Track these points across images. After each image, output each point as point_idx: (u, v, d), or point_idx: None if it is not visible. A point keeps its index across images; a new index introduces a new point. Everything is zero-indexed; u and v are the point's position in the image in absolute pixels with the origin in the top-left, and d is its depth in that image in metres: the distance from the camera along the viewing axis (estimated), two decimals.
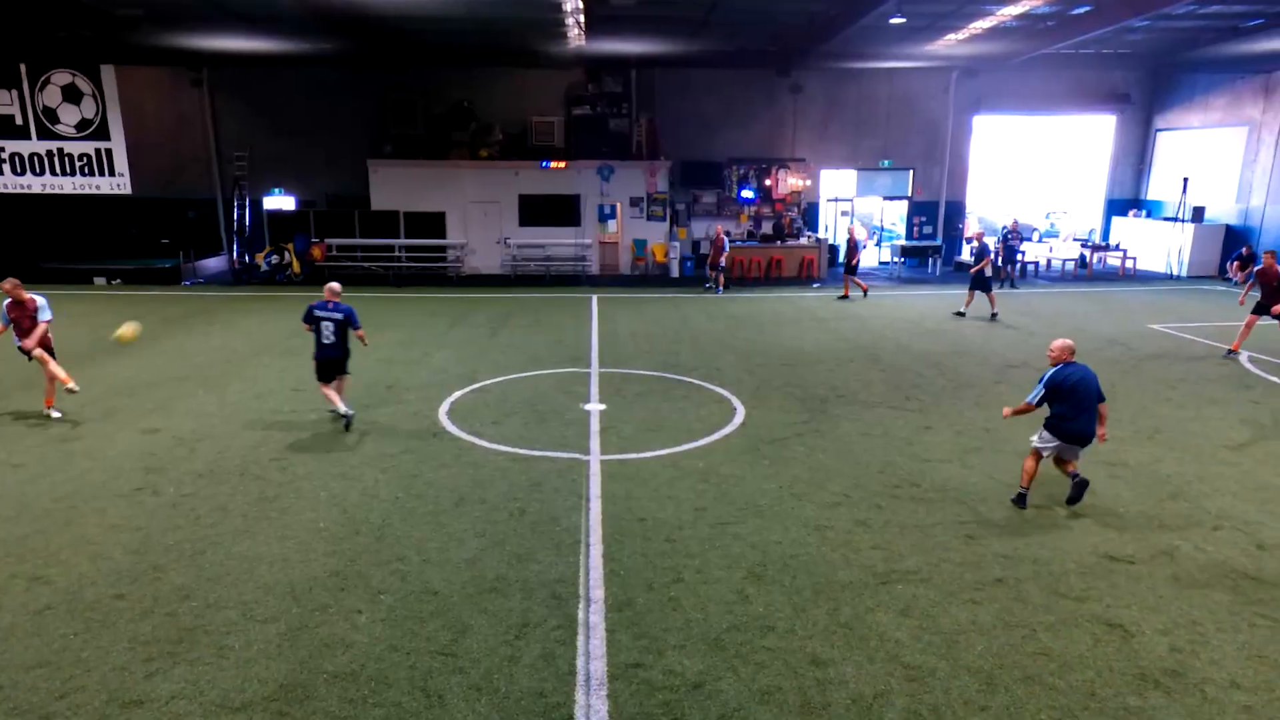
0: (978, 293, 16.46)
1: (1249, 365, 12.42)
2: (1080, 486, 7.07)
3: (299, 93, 22.96)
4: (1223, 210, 22.69)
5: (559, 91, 23.01)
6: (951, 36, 19.07)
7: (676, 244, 22.68)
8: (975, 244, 17.01)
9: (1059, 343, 7.31)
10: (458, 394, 10.72)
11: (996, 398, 10.60)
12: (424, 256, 22.16)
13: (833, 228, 25.32)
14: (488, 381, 11.39)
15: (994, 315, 16.32)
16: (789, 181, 24.07)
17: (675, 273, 22.52)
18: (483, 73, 22.64)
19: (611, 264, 23.08)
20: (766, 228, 24.09)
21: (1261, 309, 12.72)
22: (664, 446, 8.70)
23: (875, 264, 25.95)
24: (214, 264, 23.07)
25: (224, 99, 23.22)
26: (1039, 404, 7.04)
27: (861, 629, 5.25)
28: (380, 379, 11.44)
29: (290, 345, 13.40)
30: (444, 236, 22.35)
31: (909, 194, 25.17)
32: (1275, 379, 11.58)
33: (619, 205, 22.52)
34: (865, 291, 19.38)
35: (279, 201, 23.35)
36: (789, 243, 23.11)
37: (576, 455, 8.45)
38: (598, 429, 9.33)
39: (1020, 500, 7.22)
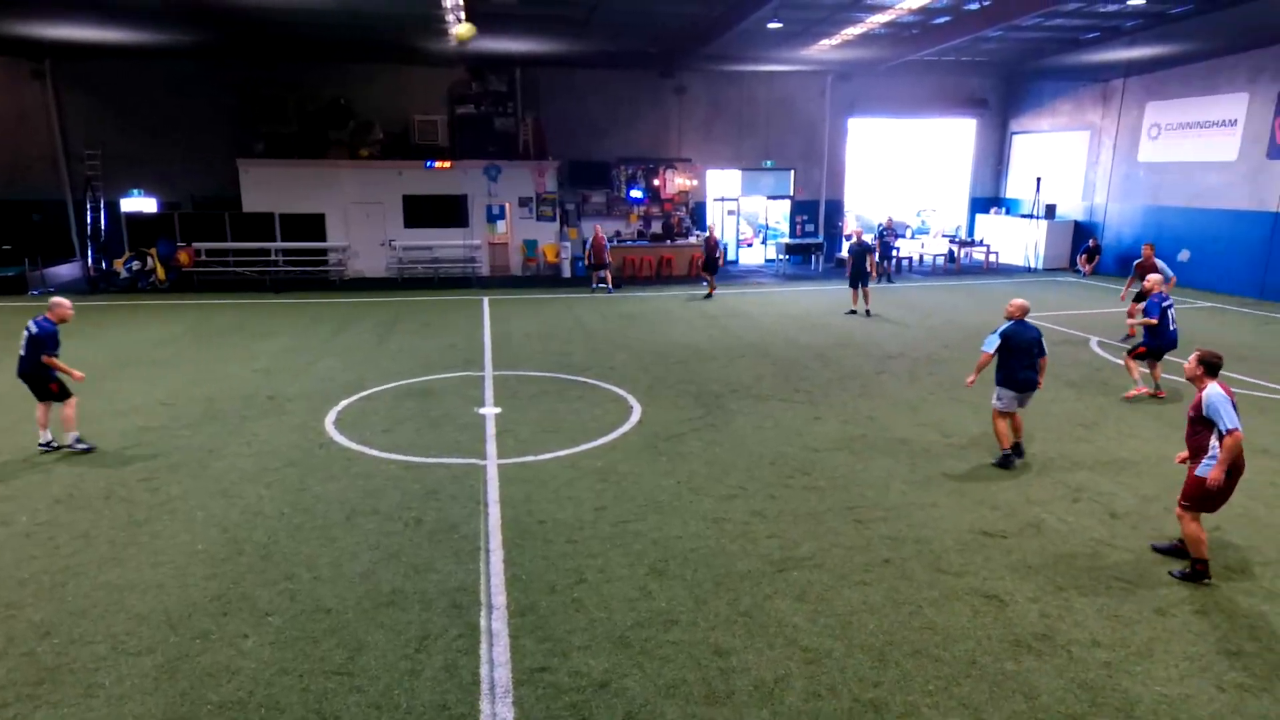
0: (860, 287, 16.89)
1: (1098, 349, 13.52)
2: (1017, 446, 8.15)
3: (157, 88, 21.50)
4: (1071, 207, 24.63)
5: (442, 89, 22.52)
6: (826, 42, 19.87)
7: (567, 244, 22.63)
8: (853, 241, 17.28)
9: (1015, 301, 8.21)
10: (345, 402, 10.32)
11: (879, 387, 11.12)
12: (303, 260, 21.19)
13: (720, 226, 25.88)
14: (377, 389, 11.01)
15: (867, 312, 16.73)
16: (676, 181, 24.45)
17: (567, 273, 22.47)
18: (360, 69, 21.89)
19: (502, 265, 22.79)
20: (656, 227, 24.39)
21: (1143, 298, 13.52)
22: (562, 447, 8.66)
23: (761, 261, 26.74)
24: (66, 271, 21.29)
25: (71, 93, 21.45)
26: (995, 352, 7.93)
27: (761, 616, 5.39)
28: (260, 390, 10.87)
29: (157, 356, 12.54)
30: (324, 239, 21.46)
31: (791, 193, 26.05)
32: (1119, 361, 12.66)
33: (508, 205, 22.27)
34: (709, 294, 19.27)
35: (139, 203, 21.81)
36: (678, 242, 23.46)
37: (473, 460, 8.29)
38: (494, 432, 9.19)
39: (1005, 461, 8.03)
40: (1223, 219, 19.44)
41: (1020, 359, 7.89)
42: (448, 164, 21.60)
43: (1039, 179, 25.35)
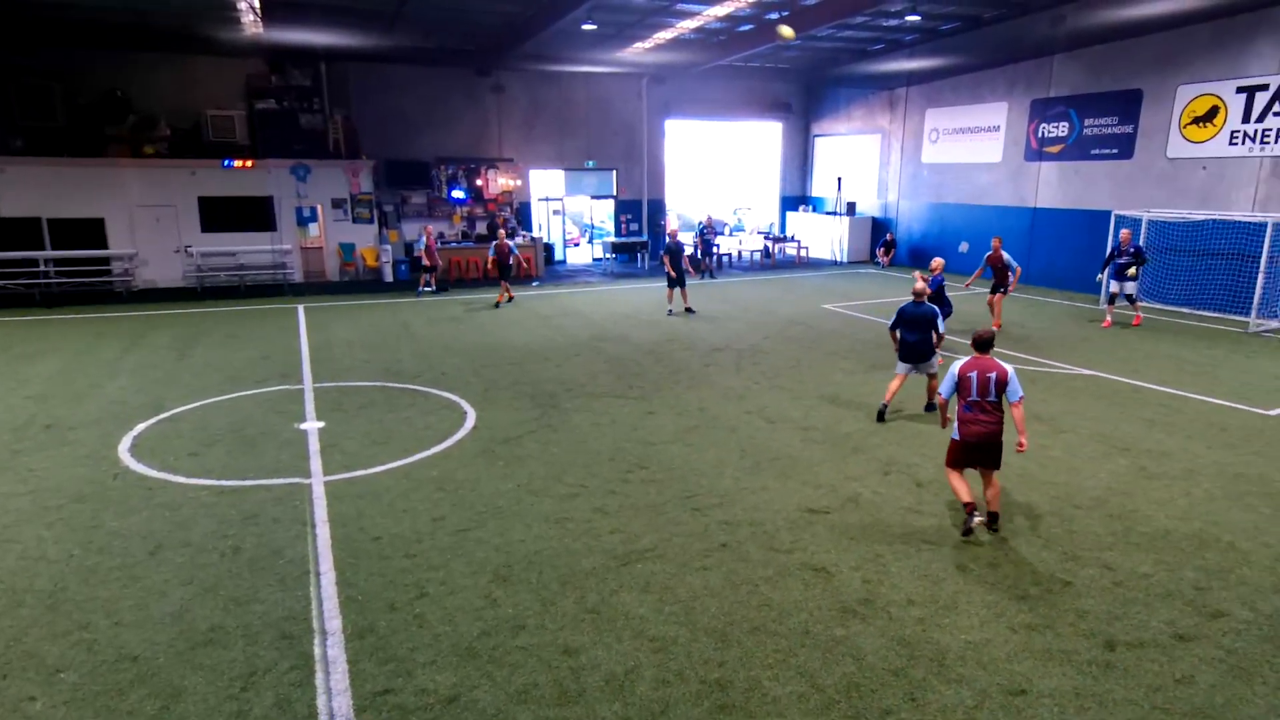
0: (677, 287, 16.98)
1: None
2: (930, 407, 9.77)
3: None
4: (869, 205, 26.78)
5: (238, 83, 20.85)
6: (640, 45, 20.37)
7: (388, 247, 21.70)
8: (670, 240, 17.32)
9: (916, 284, 9.57)
10: (142, 426, 9.33)
11: (707, 379, 11.56)
12: (81, 270, 18.90)
13: (546, 226, 25.86)
14: (179, 409, 10.05)
15: (686, 310, 16.97)
16: (500, 181, 24.14)
17: (389, 276, 21.54)
18: (140, 57, 19.80)
19: (317, 270, 21.48)
20: (481, 228, 23.96)
21: (996, 289, 14.98)
22: (394, 459, 8.31)
23: (589, 260, 26.99)
24: None
25: None
26: (893, 328, 9.59)
27: (608, 611, 5.46)
28: (34, 418, 9.60)
29: None
30: (105, 246, 19.24)
31: (614, 193, 26.47)
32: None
33: (320, 207, 20.99)
34: (499, 301, 18.25)
35: None
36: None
37: (296, 479, 7.77)
38: (317, 448, 8.66)
39: (881, 414, 9.55)
40: (993, 213, 21.88)
41: (911, 334, 9.42)
42: (249, 163, 20.03)
43: (839, 179, 27.36)
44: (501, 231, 18.99)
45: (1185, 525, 6.72)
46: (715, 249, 23.84)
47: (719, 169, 30.45)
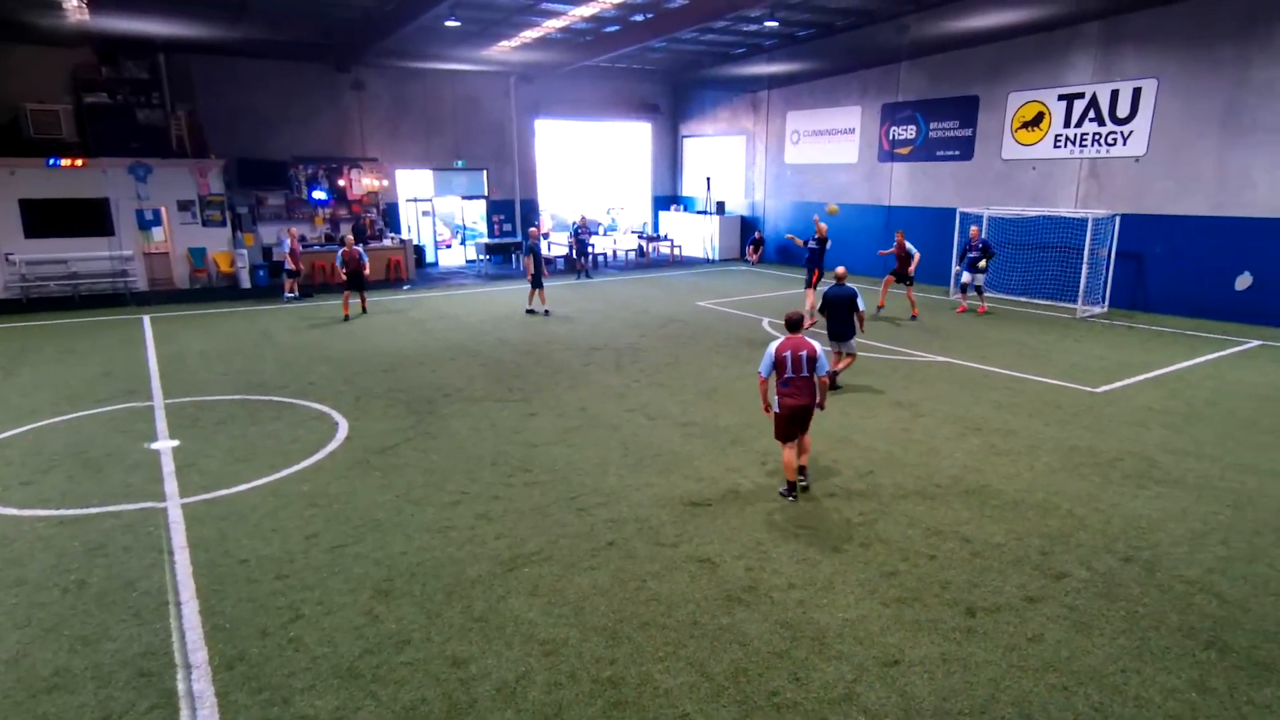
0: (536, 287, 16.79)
1: (769, 328, 15.33)
2: (833, 380, 10.15)
3: None
4: (737, 204, 27.59)
5: (63, 74, 19.02)
6: (505, 43, 20.12)
7: (244, 251, 20.43)
8: (531, 242, 17.11)
9: (839, 269, 10.83)
10: None
11: (587, 379, 11.58)
12: None
13: (416, 228, 25.12)
14: (7, 433, 9.09)
15: (544, 311, 16.75)
16: (364, 182, 23.23)
17: (246, 283, 20.29)
18: None
19: (164, 277, 19.94)
20: (346, 230, 22.94)
21: (898, 275, 16.38)
22: (260, 476, 7.85)
23: (462, 262, 26.44)
24: None
25: None
26: (823, 311, 10.49)
27: (497, 619, 5.37)
28: None
29: None
30: None
31: (486, 193, 26.03)
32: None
33: (164, 210, 19.50)
34: (348, 314, 16.39)
35: None
36: (372, 244, 22.29)
37: (149, 504, 7.20)
38: (172, 469, 8.05)
39: (833, 381, 9.85)
40: (852, 212, 23.04)
41: (834, 315, 10.39)
42: (79, 162, 18.33)
43: (708, 179, 28.04)
44: (349, 237, 17.11)
45: (1030, 496, 7.32)
46: (590, 249, 23.89)
47: (592, 169, 30.54)
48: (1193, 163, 15.67)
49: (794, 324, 7.31)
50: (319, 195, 22.72)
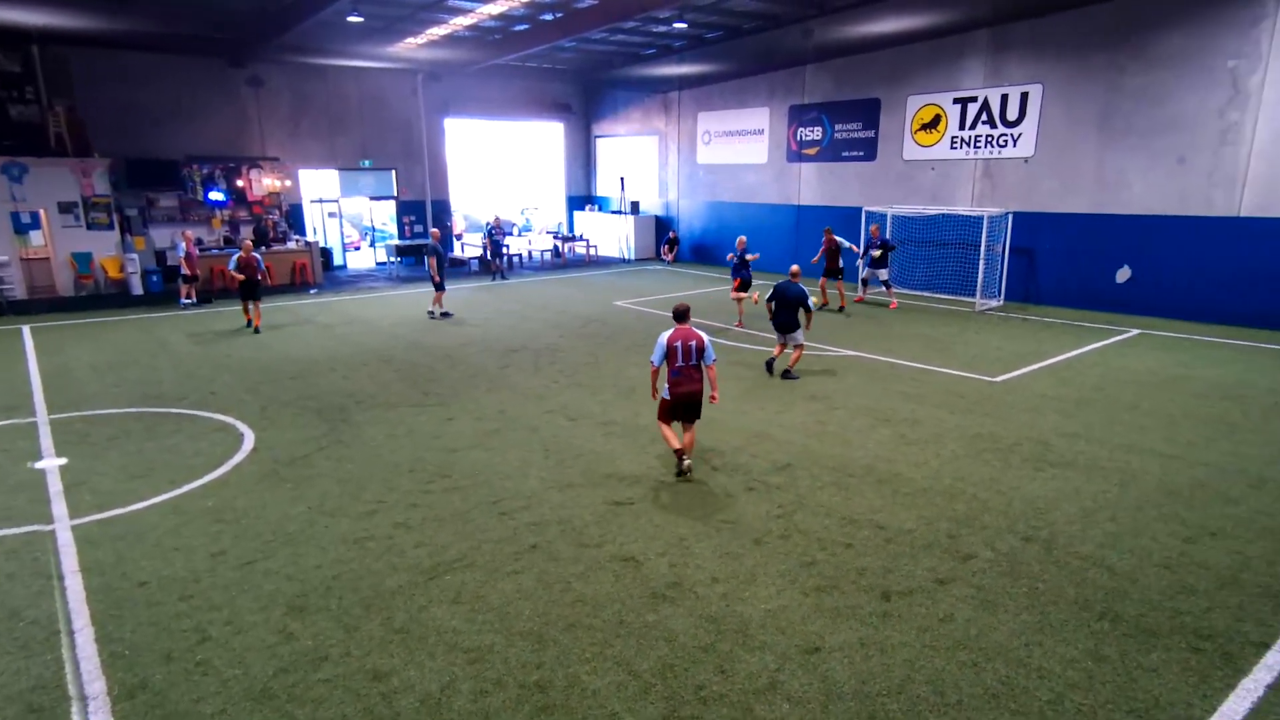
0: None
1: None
2: (787, 374, 11.37)
3: None
4: (652, 204, 27.79)
5: None
6: (412, 40, 19.68)
7: (134, 256, 19.32)
8: (433, 244, 16.71)
9: (793, 268, 11.58)
10: None
11: (506, 381, 11.44)
12: None
13: (322, 230, 24.29)
14: None
15: (443, 314, 16.56)
16: (265, 182, 22.31)
17: (139, 289, 19.20)
18: None
19: (46, 285, 18.65)
20: (247, 233, 21.98)
21: (828, 273, 17.05)
22: (159, 493, 7.44)
23: (373, 265, 25.73)
24: None
25: None
26: (770, 301, 11.12)
27: (419, 629, 5.25)
28: None
29: None
30: None
31: (395, 194, 25.39)
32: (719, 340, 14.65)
33: (44, 212, 18.24)
34: (255, 324, 15.21)
35: None
36: (275, 248, 21.45)
37: (34, 527, 6.73)
38: (60, 489, 7.55)
39: (768, 365, 11.56)
40: (763, 211, 23.55)
41: (782, 308, 11.11)
42: None
43: (622, 179, 28.14)
44: (246, 242, 15.52)
45: (938, 483, 7.65)
46: (505, 249, 23.61)
47: (504, 169, 30.19)
48: (1075, 164, 16.67)
49: (680, 315, 7.79)
50: (216, 196, 21.71)
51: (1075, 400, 10.30)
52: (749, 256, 15.45)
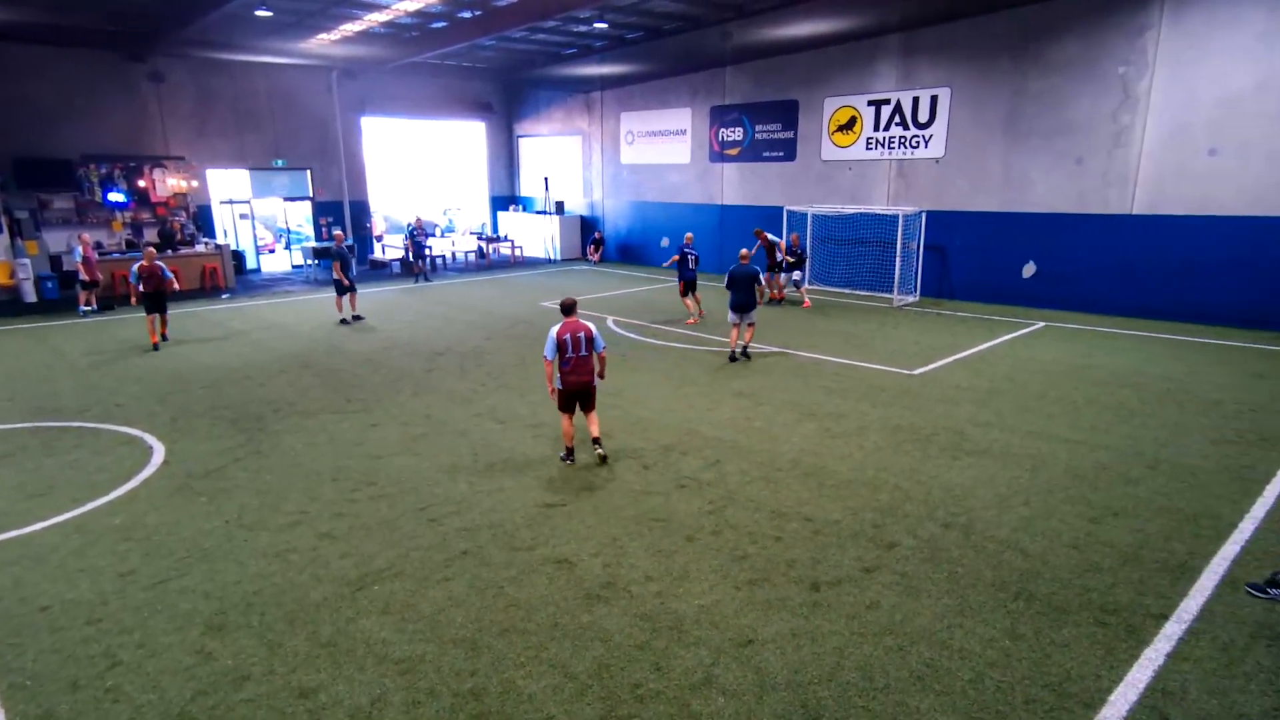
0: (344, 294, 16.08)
1: (614, 326, 15.52)
2: (745, 353, 12.50)
3: None
4: (577, 204, 27.70)
5: None
6: (324, 36, 19.11)
7: (26, 261, 18.17)
8: (337, 247, 16.10)
9: (742, 251, 12.38)
10: None
11: (432, 385, 11.23)
12: None
13: (233, 232, 23.36)
14: None
15: (355, 317, 16.16)
16: (169, 182, 21.30)
17: (32, 296, 18.07)
18: None
19: None
20: (152, 235, 20.97)
21: (770, 269, 17.77)
22: (60, 511, 7.02)
23: (288, 268, 24.89)
24: None
25: None
26: (730, 287, 12.11)
27: (346, 642, 5.11)
28: None
29: None
30: None
31: (311, 194, 24.61)
32: (634, 335, 14.72)
33: None
34: (156, 343, 13.77)
35: None
36: (183, 251, 20.49)
37: None
38: None
39: (733, 358, 12.36)
40: (688, 210, 23.77)
41: (738, 289, 12.00)
42: None
43: (546, 179, 27.97)
44: (149, 249, 14.38)
45: (862, 474, 7.87)
46: (428, 251, 23.16)
47: (426, 169, 29.62)
48: (983, 164, 17.39)
49: (568, 309, 8.03)
50: (116, 197, 20.62)
51: (988, 390, 10.75)
52: (689, 254, 15.83)
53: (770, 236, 18.01)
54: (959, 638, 5.09)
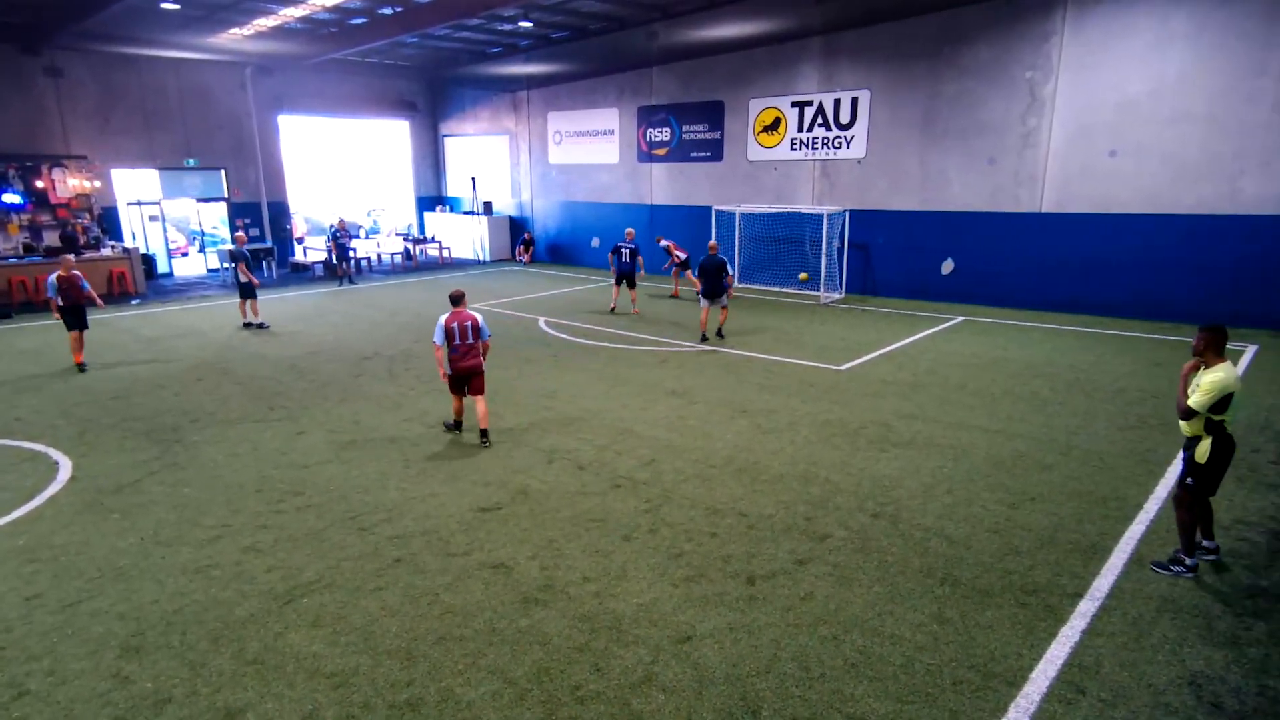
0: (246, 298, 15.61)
1: (546, 327, 15.42)
2: (720, 334, 14.02)
3: None
4: (505, 204, 27.42)
5: None
6: (237, 31, 18.45)
7: None
8: (238, 248, 15.54)
9: (711, 242, 13.69)
10: None
11: (359, 390, 10.95)
12: None
13: (143, 235, 22.30)
14: None
15: (259, 325, 15.59)
16: (71, 183, 20.19)
17: None
18: None
19: None
20: (52, 239, 19.84)
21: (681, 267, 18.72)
22: None
23: (203, 272, 23.90)
24: None
25: None
26: (698, 277, 13.79)
27: (275, 658, 4.94)
28: None
29: None
30: None
31: (226, 195, 23.68)
32: (566, 336, 14.66)
33: None
34: (81, 362, 12.27)
35: None
36: (88, 255, 19.44)
37: None
38: None
39: (704, 338, 13.79)
40: (617, 210, 23.79)
41: (706, 279, 13.41)
42: None
43: (473, 179, 27.59)
44: (68, 257, 12.78)
45: (794, 469, 8.02)
46: (352, 253, 22.56)
47: (349, 169, 28.86)
48: (901, 164, 17.95)
49: (457, 299, 8.67)
50: (11, 199, 19.43)
51: (911, 384, 11.10)
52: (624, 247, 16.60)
53: (665, 241, 19.49)
54: (890, 624, 5.24)
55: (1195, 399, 5.52)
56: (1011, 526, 6.66)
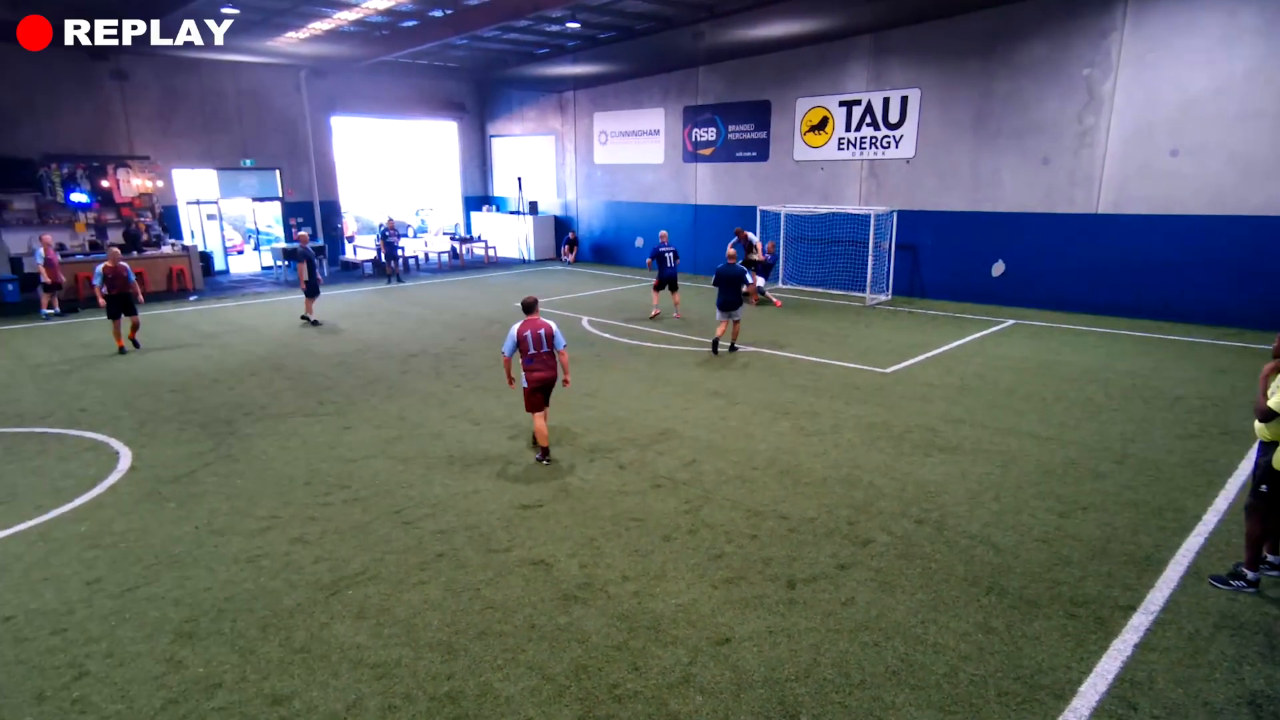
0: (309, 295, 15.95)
1: (589, 327, 15.49)
2: (732, 348, 13.00)
3: None
4: (550, 204, 27.62)
5: None
6: (293, 34, 18.89)
7: None
8: (302, 248, 15.93)
9: (729, 250, 13.15)
10: None
11: (406, 387, 11.13)
12: None
13: (201, 233, 23.00)
14: None
15: (313, 322, 15.97)
16: (134, 182, 20.91)
17: None
18: None
19: None
20: (117, 236, 20.57)
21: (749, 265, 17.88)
22: (23, 519, 6.87)
23: (258, 269, 24.55)
24: None
25: None
26: (715, 284, 12.62)
27: (320, 648, 5.05)
28: None
29: None
30: None
31: (280, 194, 24.29)
32: (609, 335, 14.71)
33: None
34: (122, 346, 13.47)
35: None
36: (149, 252, 20.14)
37: None
38: None
39: (714, 347, 12.80)
40: (662, 210, 23.79)
41: (724, 289, 12.47)
42: None
43: (519, 179, 27.86)
44: (114, 249, 13.62)
45: (836, 472, 7.93)
46: (400, 251, 22.96)
47: (397, 169, 29.38)
48: (952, 163, 17.61)
49: (529, 307, 8.15)
50: (79, 198, 20.18)
51: (959, 388, 10.89)
52: (666, 251, 16.21)
53: (751, 236, 17.93)
54: (933, 632, 5.15)
55: (1276, 399, 5.28)
56: (1062, 536, 6.49)
